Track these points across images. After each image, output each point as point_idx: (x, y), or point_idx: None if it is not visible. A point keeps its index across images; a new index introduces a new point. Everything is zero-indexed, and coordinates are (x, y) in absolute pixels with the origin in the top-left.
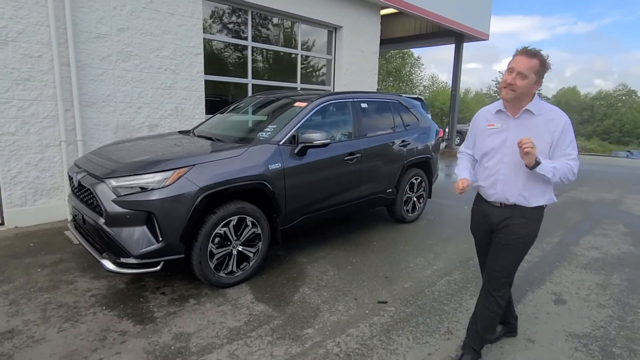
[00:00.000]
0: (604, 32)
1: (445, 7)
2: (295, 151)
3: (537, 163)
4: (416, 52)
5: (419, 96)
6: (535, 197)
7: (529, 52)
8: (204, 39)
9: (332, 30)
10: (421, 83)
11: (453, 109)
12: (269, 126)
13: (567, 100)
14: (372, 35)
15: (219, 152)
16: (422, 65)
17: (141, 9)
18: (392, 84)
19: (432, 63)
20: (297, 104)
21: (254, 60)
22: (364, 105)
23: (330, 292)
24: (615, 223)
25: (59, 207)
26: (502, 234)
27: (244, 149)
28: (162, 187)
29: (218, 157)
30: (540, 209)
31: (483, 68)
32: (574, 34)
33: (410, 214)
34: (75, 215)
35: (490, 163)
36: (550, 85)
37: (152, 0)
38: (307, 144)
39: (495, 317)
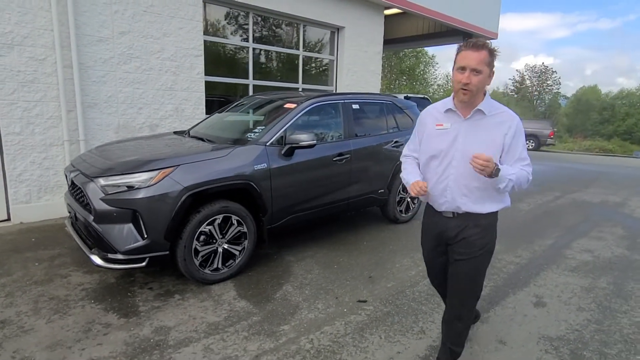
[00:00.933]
0: (628, 29)
1: (451, 7)
2: (282, 152)
3: (497, 171)
4: (431, 50)
5: (425, 96)
6: (489, 203)
7: (476, 45)
8: (204, 40)
9: (335, 30)
10: (435, 82)
11: None
12: (258, 127)
13: (587, 99)
14: (375, 35)
15: (205, 153)
16: (437, 64)
17: (142, 12)
18: (405, 82)
19: (449, 61)
20: (286, 105)
21: (255, 61)
22: (355, 106)
23: (312, 291)
24: (614, 226)
25: (61, 204)
26: (460, 248)
27: (230, 149)
28: (148, 186)
29: (203, 158)
30: (495, 215)
31: (501, 66)
32: (596, 30)
33: (403, 215)
34: (70, 212)
35: (440, 168)
36: (570, 83)
37: (153, 4)
38: (293, 145)
39: (463, 332)
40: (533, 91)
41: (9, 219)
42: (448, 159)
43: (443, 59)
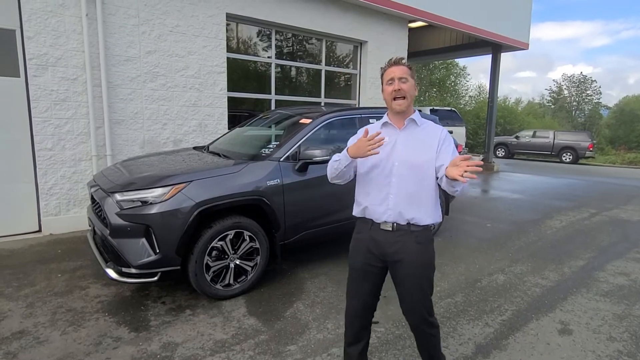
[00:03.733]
0: None
1: (478, 18)
2: (296, 167)
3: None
4: (462, 61)
5: (453, 109)
6: (428, 213)
7: (396, 62)
8: (227, 57)
9: (358, 45)
10: (467, 93)
11: (490, 121)
12: (272, 143)
13: (631, 109)
14: (398, 48)
15: (218, 169)
16: (468, 75)
17: (168, 32)
18: (435, 94)
19: (481, 72)
20: (302, 120)
21: (277, 77)
22: (372, 121)
23: (323, 309)
24: None
25: None
26: (402, 268)
27: (243, 165)
28: (161, 202)
29: (216, 174)
30: (429, 230)
31: (537, 76)
32: None
33: None
34: (90, 226)
35: (381, 176)
36: (612, 93)
37: (179, 24)
38: (307, 161)
39: (437, 345)
40: (571, 101)
41: (39, 230)
42: (389, 167)
43: (474, 70)
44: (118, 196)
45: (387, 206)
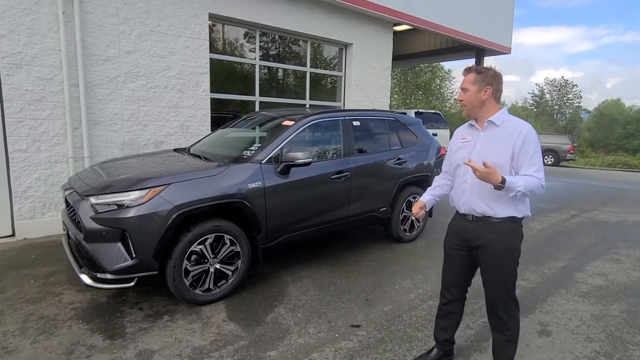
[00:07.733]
0: None
1: (462, 22)
2: (278, 170)
3: (502, 184)
4: (447, 65)
5: (438, 112)
6: (503, 207)
7: (465, 70)
8: (210, 58)
9: (343, 47)
10: (452, 96)
11: None
12: (254, 145)
13: (610, 113)
14: (383, 51)
15: (197, 171)
16: (454, 78)
17: (149, 32)
18: (421, 97)
19: None
20: (284, 122)
21: (261, 78)
22: (356, 123)
23: (304, 314)
24: (632, 247)
25: None
26: (480, 254)
27: (224, 168)
28: (137, 205)
29: (195, 176)
30: (513, 221)
31: (521, 80)
32: (621, 44)
33: (407, 234)
34: (64, 230)
35: (461, 173)
36: (592, 97)
37: (160, 24)
38: (289, 163)
39: (512, 337)
40: (553, 105)
41: (13, 235)
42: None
43: (460, 73)
44: (93, 199)
45: (462, 200)
